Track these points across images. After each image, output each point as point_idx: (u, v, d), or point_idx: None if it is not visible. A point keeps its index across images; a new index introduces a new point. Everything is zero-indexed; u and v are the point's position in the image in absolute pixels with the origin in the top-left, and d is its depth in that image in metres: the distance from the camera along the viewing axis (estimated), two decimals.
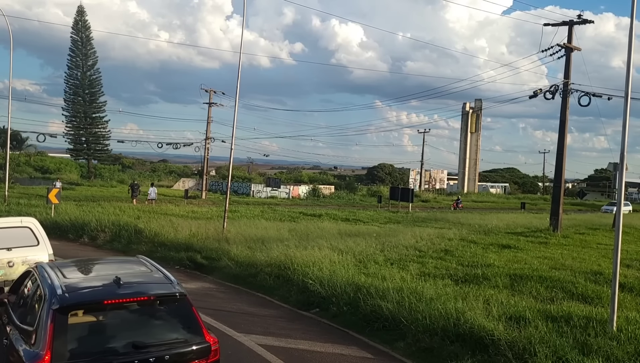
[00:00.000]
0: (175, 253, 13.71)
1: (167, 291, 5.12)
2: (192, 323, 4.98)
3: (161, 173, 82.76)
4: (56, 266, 5.52)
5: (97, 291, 4.91)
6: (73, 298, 4.67)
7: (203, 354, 4.84)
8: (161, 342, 4.73)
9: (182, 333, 4.89)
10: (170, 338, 4.81)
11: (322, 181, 73.47)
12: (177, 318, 5.00)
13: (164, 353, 4.64)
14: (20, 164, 69.23)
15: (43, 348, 4.30)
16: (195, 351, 4.81)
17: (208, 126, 45.31)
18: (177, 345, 4.78)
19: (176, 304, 5.06)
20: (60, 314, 4.49)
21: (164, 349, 4.69)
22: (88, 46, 57.81)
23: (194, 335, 4.91)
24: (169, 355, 4.65)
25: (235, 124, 16.49)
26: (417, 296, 8.98)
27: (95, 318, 4.68)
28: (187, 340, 4.85)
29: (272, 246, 13.93)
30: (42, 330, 4.43)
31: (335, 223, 23.18)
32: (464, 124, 79.88)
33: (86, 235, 16.08)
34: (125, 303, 4.78)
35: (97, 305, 4.71)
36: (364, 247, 15.40)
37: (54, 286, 4.83)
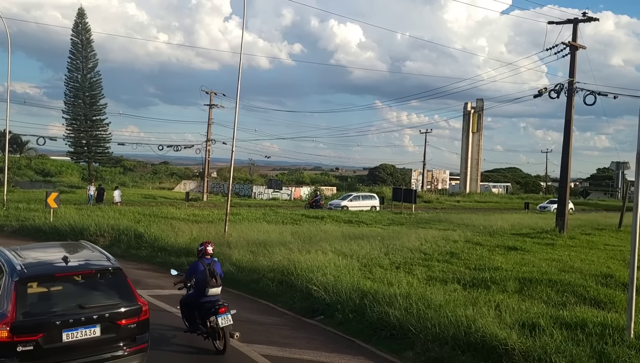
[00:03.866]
0: (176, 258, 13.42)
1: (105, 265, 6.40)
2: (126, 291, 6.24)
3: (162, 175, 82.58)
4: (13, 249, 6.71)
5: (50, 267, 6.14)
6: (30, 272, 5.89)
7: (135, 313, 6.15)
8: (102, 304, 5.99)
9: (119, 298, 6.15)
10: (109, 301, 6.08)
11: (323, 182, 73.20)
12: (115, 287, 6.25)
13: (104, 312, 5.91)
14: (21, 167, 69.04)
15: (7, 310, 5.55)
16: (129, 311, 6.11)
17: (209, 127, 45.05)
18: (115, 306, 6.05)
19: (113, 276, 6.33)
20: (21, 285, 5.71)
21: (104, 309, 5.95)
22: (88, 48, 57.59)
23: (128, 299, 6.18)
24: (109, 314, 5.94)
25: (236, 126, 16.22)
26: (426, 303, 8.69)
27: (47, 289, 5.90)
28: (122, 303, 6.11)
29: (274, 250, 13.65)
30: (7, 297, 5.67)
31: (338, 226, 22.87)
32: (465, 124, 79.47)
33: (85, 239, 15.76)
34: (72, 276, 6.07)
35: (50, 277, 5.98)
36: (368, 250, 15.12)
37: (13, 264, 6.03)
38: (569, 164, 22.68)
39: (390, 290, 9.36)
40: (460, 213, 37.67)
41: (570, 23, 22.31)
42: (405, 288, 9.63)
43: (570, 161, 22.65)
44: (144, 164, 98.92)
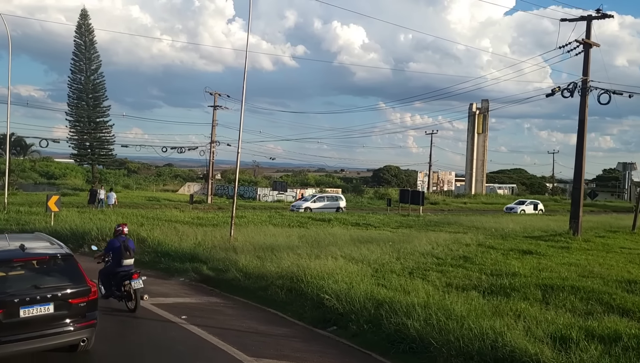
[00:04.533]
0: (180, 264, 12.91)
1: (58, 253, 7.29)
2: (77, 274, 7.13)
3: (166, 177, 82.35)
4: None
5: (8, 253, 6.99)
6: None
7: (85, 294, 7.02)
8: (55, 285, 6.85)
9: (70, 281, 7.00)
10: (61, 283, 6.93)
11: (328, 184, 72.64)
12: (66, 271, 7.12)
13: (57, 292, 6.80)
14: (25, 170, 68.77)
15: None
16: (79, 292, 6.98)
17: (213, 129, 44.59)
18: (66, 287, 6.91)
19: (65, 262, 7.21)
20: None
21: (57, 290, 6.82)
22: (91, 49, 57.22)
23: (79, 282, 7.06)
24: (61, 294, 6.81)
25: (241, 127, 15.71)
26: (446, 313, 8.14)
27: (6, 273, 6.69)
28: (73, 284, 6.97)
29: (282, 255, 13.13)
30: None
31: (345, 229, 22.35)
32: (470, 125, 78.88)
33: (86, 244, 15.26)
34: (29, 261, 6.96)
35: (9, 262, 6.79)
36: (379, 255, 14.59)
37: None
38: (582, 165, 22.07)
39: (407, 299, 8.81)
40: (469, 214, 37.10)
41: (584, 20, 21.72)
42: (424, 296, 9.08)
43: (585, 161, 22.05)
44: (148, 166, 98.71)
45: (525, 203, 49.63)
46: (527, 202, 50.45)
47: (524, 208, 47.60)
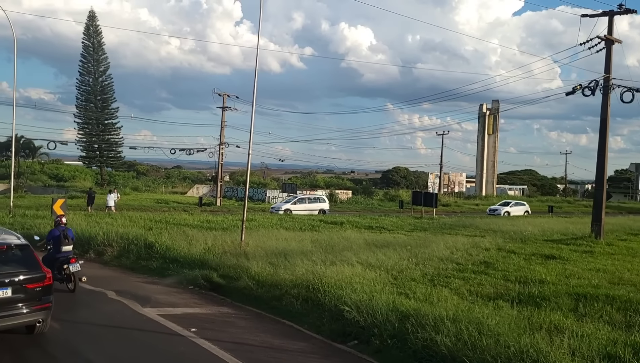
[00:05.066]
0: (189, 271, 12.30)
1: (15, 242, 8.03)
2: (33, 262, 7.88)
3: (175, 179, 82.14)
4: None
5: None
6: None
7: (40, 279, 7.74)
8: (12, 272, 7.58)
9: (26, 268, 7.75)
10: (18, 270, 7.66)
11: (338, 185, 72.02)
12: (23, 259, 7.85)
13: (14, 278, 7.53)
14: (35, 172, 68.69)
15: None
16: (35, 277, 7.71)
17: (222, 130, 44.07)
18: (23, 273, 7.64)
19: (22, 251, 7.95)
20: None
21: (14, 275, 7.55)
22: (100, 51, 57.01)
23: (35, 269, 7.81)
24: (18, 279, 7.55)
25: (252, 129, 15.14)
26: (478, 327, 7.48)
27: None
28: (29, 271, 7.72)
29: (296, 261, 12.52)
30: None
31: (359, 232, 21.70)
32: (480, 126, 78.05)
33: (92, 250, 14.73)
34: None
35: None
36: (397, 260, 13.94)
37: None
38: (605, 165, 21.32)
39: (434, 311, 8.14)
40: (483, 217, 36.28)
41: (606, 16, 20.97)
42: (451, 308, 8.40)
43: (607, 162, 21.28)
44: (156, 168, 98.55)
45: (510, 204, 45.85)
46: (512, 203, 46.69)
47: (509, 209, 43.72)
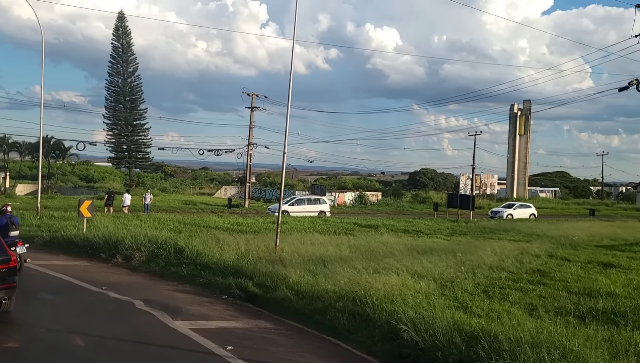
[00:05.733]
0: (222, 279, 11.42)
1: None
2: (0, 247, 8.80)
3: (202, 181, 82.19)
4: None
5: None
6: None
7: (5, 262, 8.63)
8: None
9: None
10: None
11: (366, 187, 70.87)
12: None
13: None
14: (66, 173, 69.24)
15: None
16: (1, 260, 8.60)
17: (250, 131, 43.43)
18: None
19: None
20: None
21: None
22: (129, 52, 57.01)
23: (1, 253, 8.70)
24: None
25: (287, 130, 14.22)
26: (563, 352, 6.40)
27: None
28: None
29: (336, 268, 11.55)
30: None
31: (396, 236, 20.62)
32: (512, 127, 76.29)
33: (120, 254, 13.97)
34: None
35: None
36: (444, 268, 12.85)
37: None
38: None
39: (506, 332, 7.06)
40: (527, 220, 34.70)
41: None
42: (531, 330, 7.27)
43: None
44: (184, 169, 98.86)
45: (513, 206, 42.56)
46: (516, 205, 43.40)
47: (512, 212, 40.50)
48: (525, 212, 41.73)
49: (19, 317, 8.89)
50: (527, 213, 41.60)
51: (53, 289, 10.84)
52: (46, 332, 8.30)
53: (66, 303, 10.05)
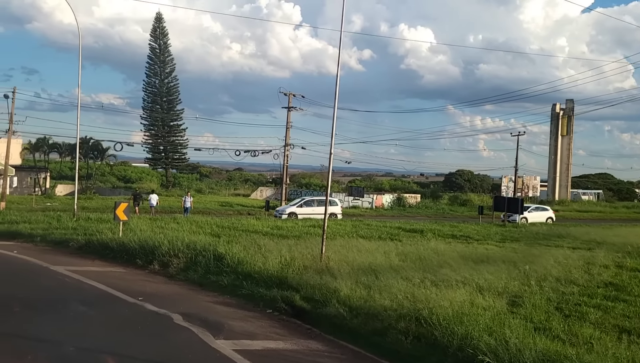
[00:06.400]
0: (266, 290, 10.47)
1: None
2: None
3: (237, 181, 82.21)
4: None
5: None
6: None
7: None
8: None
9: None
10: None
11: (403, 189, 69.33)
12: None
13: None
14: (105, 174, 70.05)
15: None
16: None
17: (287, 131, 42.64)
18: None
19: None
20: None
21: None
22: (166, 52, 57.14)
23: None
24: None
25: (334, 130, 13.26)
26: None
27: None
28: None
29: (389, 280, 10.51)
30: None
31: (444, 242, 19.39)
32: (553, 127, 73.82)
33: (157, 260, 13.18)
34: None
35: None
36: (506, 280, 11.62)
37: None
38: None
39: None
40: (577, 225, 32.82)
41: None
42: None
43: None
44: (219, 170, 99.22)
45: (528, 209, 38.94)
46: (531, 208, 39.91)
47: (527, 215, 37.54)
48: (541, 215, 39.03)
49: (49, 332, 8.12)
50: (543, 216, 38.87)
51: (86, 299, 10.08)
52: (76, 351, 7.49)
53: (99, 316, 9.26)
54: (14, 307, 9.26)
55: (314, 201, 35.10)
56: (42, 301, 9.83)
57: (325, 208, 13.37)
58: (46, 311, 9.25)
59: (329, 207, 34.12)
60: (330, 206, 34.09)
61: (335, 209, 34.38)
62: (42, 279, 11.78)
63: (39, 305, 9.49)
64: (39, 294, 10.40)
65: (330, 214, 32.58)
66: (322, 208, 32.95)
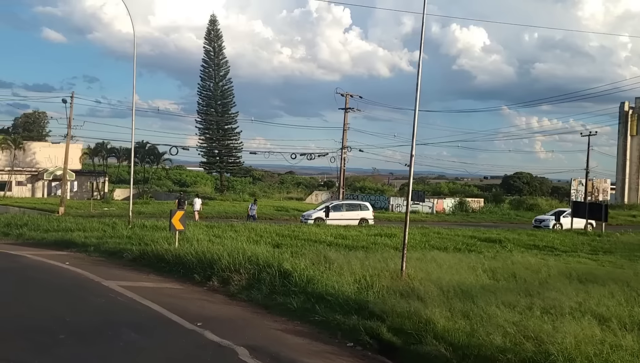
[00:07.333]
0: (343, 317, 8.88)
1: None
2: None
3: (289, 185, 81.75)
4: None
5: None
6: None
7: None
8: None
9: None
10: None
11: (463, 192, 66.52)
12: None
13: None
14: (161, 177, 70.79)
15: None
16: None
17: (344, 133, 41.14)
18: None
19: None
20: None
21: None
22: (220, 55, 56.82)
23: None
24: None
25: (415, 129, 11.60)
26: None
27: None
28: None
29: (489, 307, 8.76)
30: None
31: (529, 253, 17.36)
32: (622, 127, 69.27)
33: (216, 276, 11.82)
34: None
35: None
36: (629, 307, 9.64)
37: None
38: None
39: None
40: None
41: None
42: None
43: None
44: (271, 174, 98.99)
45: (563, 214, 35.77)
46: (566, 213, 36.14)
47: (562, 221, 34.54)
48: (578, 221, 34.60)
49: None
50: (580, 222, 34.25)
51: (140, 324, 8.79)
52: None
53: (152, 346, 7.94)
54: (60, 334, 8.07)
55: (342, 205, 33.35)
56: (91, 326, 8.62)
57: (406, 219, 11.64)
58: (94, 340, 8.01)
59: (361, 212, 32.33)
60: (362, 210, 32.70)
61: (367, 214, 32.73)
62: (93, 297, 10.63)
63: (87, 332, 8.27)
64: (88, 317, 9.20)
65: (361, 220, 31.27)
66: (352, 213, 31.82)
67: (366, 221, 31.68)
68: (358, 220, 31.04)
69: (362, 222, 31.00)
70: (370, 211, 33.42)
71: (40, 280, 12.36)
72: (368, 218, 32.32)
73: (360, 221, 31.15)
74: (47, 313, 9.27)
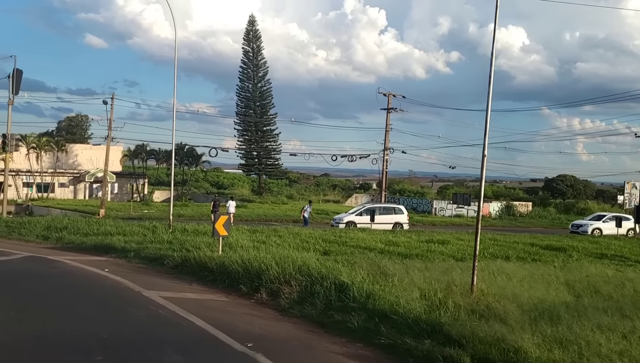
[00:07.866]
0: (414, 341, 7.73)
1: None
2: None
3: (325, 187, 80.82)
4: None
5: None
6: None
7: None
8: None
9: None
10: None
11: (508, 196, 64.20)
12: None
13: None
14: (199, 180, 70.83)
15: None
16: None
17: (386, 134, 39.87)
18: None
19: None
20: None
21: None
22: (259, 56, 56.33)
23: None
24: None
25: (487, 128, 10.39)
26: None
27: None
28: None
29: (581, 330, 7.51)
30: None
31: (600, 264, 15.85)
32: None
33: (264, 287, 10.85)
34: None
35: None
36: None
37: None
38: None
39: None
40: None
41: None
42: None
43: None
44: (307, 176, 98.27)
45: (603, 219, 34.16)
46: (606, 217, 34.61)
47: (601, 226, 32.84)
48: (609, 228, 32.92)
49: None
50: (623, 227, 32.72)
51: (183, 343, 7.85)
52: None
53: None
54: (97, 355, 7.18)
55: (375, 209, 31.76)
56: (131, 345, 7.73)
57: (477, 227, 10.40)
58: (135, 360, 7.11)
59: (395, 216, 30.61)
60: (396, 214, 31.32)
61: (402, 218, 31.41)
62: (133, 309, 9.78)
63: (127, 354, 7.37)
64: (127, 333, 8.33)
65: (395, 224, 29.94)
66: (386, 217, 30.22)
67: (400, 225, 30.63)
68: (392, 224, 30.02)
69: (395, 226, 29.94)
70: (405, 215, 32.24)
71: (79, 289, 11.64)
72: (403, 222, 31.19)
73: (395, 225, 30.11)
74: (85, 327, 8.44)
